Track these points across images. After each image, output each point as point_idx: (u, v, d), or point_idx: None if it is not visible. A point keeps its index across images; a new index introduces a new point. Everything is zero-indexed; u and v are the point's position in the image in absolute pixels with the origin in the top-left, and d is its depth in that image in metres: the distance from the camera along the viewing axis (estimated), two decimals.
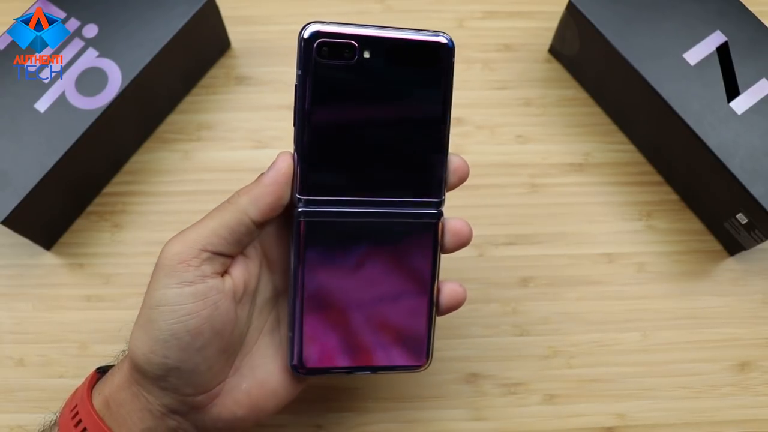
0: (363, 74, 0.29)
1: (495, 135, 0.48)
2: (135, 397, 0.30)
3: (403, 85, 0.29)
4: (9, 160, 0.40)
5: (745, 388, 0.43)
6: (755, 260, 0.46)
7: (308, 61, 0.28)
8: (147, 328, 0.29)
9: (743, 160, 0.41)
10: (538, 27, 0.51)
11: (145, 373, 0.29)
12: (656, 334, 0.44)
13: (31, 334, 0.44)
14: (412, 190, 0.31)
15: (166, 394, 0.30)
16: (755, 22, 0.43)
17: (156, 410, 0.30)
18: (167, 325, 0.29)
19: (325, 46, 0.28)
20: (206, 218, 0.30)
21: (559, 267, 0.46)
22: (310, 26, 0.28)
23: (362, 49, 0.28)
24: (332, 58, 0.28)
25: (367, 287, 0.31)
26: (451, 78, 0.30)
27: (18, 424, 0.42)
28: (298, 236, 0.30)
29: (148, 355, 0.29)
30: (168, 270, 0.29)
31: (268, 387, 0.32)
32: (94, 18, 0.43)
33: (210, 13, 0.46)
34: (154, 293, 0.29)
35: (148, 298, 0.29)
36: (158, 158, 0.48)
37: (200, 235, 0.29)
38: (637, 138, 0.48)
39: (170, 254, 0.29)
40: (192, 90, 0.49)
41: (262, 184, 0.30)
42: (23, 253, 0.45)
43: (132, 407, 0.30)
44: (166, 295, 0.29)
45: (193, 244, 0.29)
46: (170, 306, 0.29)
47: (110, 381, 0.31)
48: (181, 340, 0.29)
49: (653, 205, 0.47)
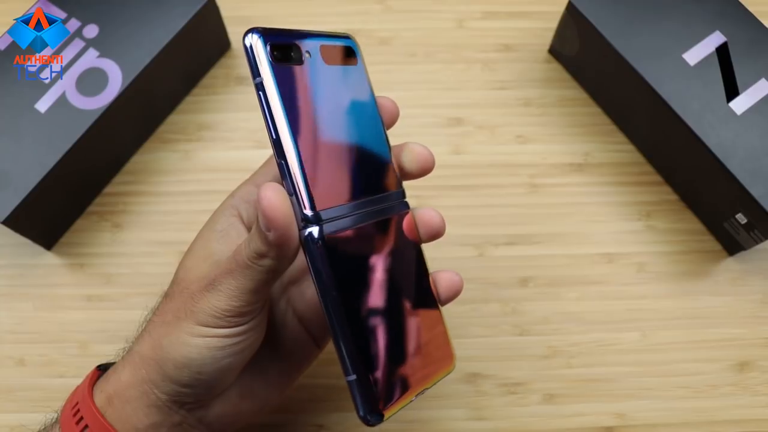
0: (311, 76, 0.27)
1: (495, 135, 0.48)
2: (144, 394, 0.30)
3: (342, 85, 0.29)
4: (9, 160, 0.40)
5: (744, 388, 0.43)
6: (754, 260, 0.46)
7: (267, 65, 0.26)
8: (188, 347, 0.29)
9: (743, 160, 0.41)
10: (538, 27, 0.51)
11: (170, 378, 0.29)
12: (656, 334, 0.44)
13: (31, 334, 0.44)
14: (379, 186, 0.30)
15: (181, 395, 0.30)
16: (755, 23, 0.43)
17: (164, 406, 0.30)
18: (210, 354, 0.29)
19: (276, 49, 0.26)
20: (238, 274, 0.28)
21: (559, 267, 0.46)
22: (253, 32, 0.26)
23: (305, 51, 0.28)
24: (284, 62, 0.26)
25: (392, 301, 0.29)
26: (367, 73, 0.30)
27: (19, 424, 0.42)
28: (322, 259, 0.26)
29: (181, 369, 0.29)
30: (216, 316, 0.28)
31: (270, 379, 0.33)
32: (95, 18, 0.43)
33: (210, 14, 0.46)
34: (196, 328, 0.28)
35: (189, 328, 0.28)
36: (158, 158, 0.48)
37: (241, 297, 0.28)
38: (637, 138, 0.48)
39: (217, 308, 0.28)
40: (192, 90, 0.49)
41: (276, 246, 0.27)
42: (24, 253, 0.45)
43: (139, 404, 0.30)
44: (218, 332, 0.29)
45: (239, 302, 0.28)
46: (217, 344, 0.29)
47: (115, 378, 0.31)
48: (218, 365, 0.29)
49: (653, 205, 0.47)
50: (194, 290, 0.29)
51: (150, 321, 0.31)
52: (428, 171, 0.32)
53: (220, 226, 0.31)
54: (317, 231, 0.26)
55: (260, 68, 0.26)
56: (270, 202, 0.25)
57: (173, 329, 0.29)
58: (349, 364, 0.26)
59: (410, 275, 0.30)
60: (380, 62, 0.50)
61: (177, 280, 0.31)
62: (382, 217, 0.29)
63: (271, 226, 0.26)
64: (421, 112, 0.49)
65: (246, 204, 0.32)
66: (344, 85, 0.29)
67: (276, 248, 0.26)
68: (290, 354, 0.34)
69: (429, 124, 0.49)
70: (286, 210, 0.26)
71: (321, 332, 0.34)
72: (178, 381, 0.29)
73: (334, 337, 0.26)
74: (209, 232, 0.31)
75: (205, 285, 0.29)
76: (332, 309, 0.26)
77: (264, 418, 0.42)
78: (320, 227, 0.26)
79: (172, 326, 0.29)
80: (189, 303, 0.29)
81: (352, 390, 0.27)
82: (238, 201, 0.32)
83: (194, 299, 0.29)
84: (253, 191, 0.32)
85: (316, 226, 0.26)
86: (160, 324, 0.30)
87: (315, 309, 0.33)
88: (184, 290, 0.30)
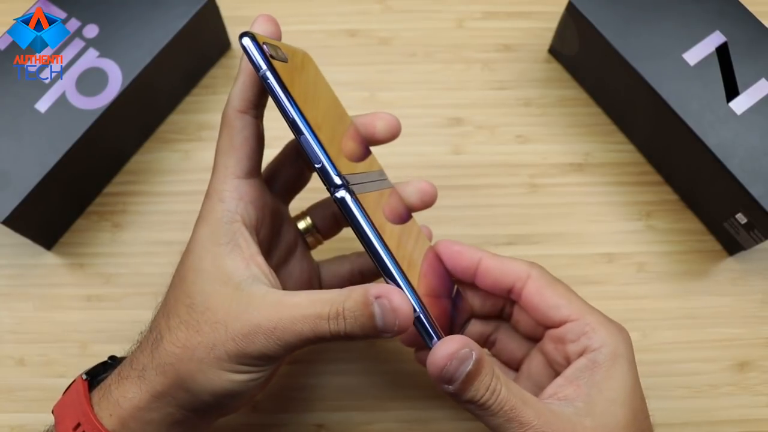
0: (296, 71, 0.30)
1: (495, 135, 0.48)
2: (169, 416, 0.30)
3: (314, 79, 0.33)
4: (9, 160, 0.40)
5: (744, 388, 0.43)
6: (755, 260, 0.46)
7: (265, 58, 0.28)
8: (231, 383, 0.29)
9: (742, 160, 0.41)
10: (538, 27, 0.51)
11: (202, 402, 0.29)
12: (656, 334, 0.44)
13: (31, 334, 0.44)
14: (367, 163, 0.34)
15: (211, 409, 0.30)
16: (755, 23, 0.43)
17: (189, 420, 0.30)
18: (246, 387, 0.29)
19: (267, 45, 0.29)
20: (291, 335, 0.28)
21: (559, 267, 0.46)
22: (247, 34, 0.29)
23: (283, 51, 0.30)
24: (275, 59, 0.29)
25: (410, 248, 0.32)
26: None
27: (18, 424, 0.42)
28: (361, 211, 0.28)
29: (219, 397, 0.29)
30: (268, 361, 0.29)
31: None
32: (95, 18, 0.43)
33: (210, 13, 0.46)
34: (235, 366, 0.28)
35: (226, 365, 0.28)
36: (158, 158, 0.48)
37: (288, 350, 0.28)
38: (637, 138, 0.48)
39: (256, 354, 0.28)
40: (192, 90, 0.49)
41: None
42: (24, 253, 0.45)
43: (162, 423, 0.30)
44: (251, 371, 0.29)
45: (282, 351, 0.28)
46: (255, 378, 0.29)
47: (126, 402, 0.30)
48: (254, 391, 0.30)
49: (653, 205, 0.47)
50: (234, 333, 0.28)
51: (164, 349, 0.29)
52: (430, 203, 0.36)
53: (225, 238, 0.29)
54: (350, 193, 0.28)
55: (260, 62, 0.28)
56: (403, 311, 0.27)
57: (212, 368, 0.28)
58: (415, 302, 0.28)
59: (413, 232, 0.34)
60: (380, 62, 0.50)
61: (194, 305, 0.29)
62: (384, 187, 0.33)
63: (404, 328, 0.27)
64: (421, 112, 0.49)
65: (243, 203, 0.30)
66: (316, 80, 0.33)
67: (389, 335, 0.27)
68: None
69: (429, 124, 0.49)
70: (410, 309, 0.27)
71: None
72: (215, 404, 0.29)
73: (390, 277, 0.28)
74: (214, 246, 0.29)
75: (253, 332, 0.28)
76: (383, 253, 0.28)
77: (264, 418, 0.42)
78: (350, 189, 0.28)
79: (208, 365, 0.28)
80: (230, 346, 0.28)
81: (418, 324, 0.28)
82: (232, 204, 0.30)
83: (237, 344, 0.28)
84: (240, 186, 0.30)
85: (346, 190, 0.28)
86: (189, 359, 0.28)
87: (302, 286, 0.36)
88: (216, 325, 0.28)
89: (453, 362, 0.27)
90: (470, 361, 0.27)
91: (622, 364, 0.31)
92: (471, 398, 0.28)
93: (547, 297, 0.33)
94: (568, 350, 0.32)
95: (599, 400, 0.30)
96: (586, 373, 0.30)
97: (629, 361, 0.31)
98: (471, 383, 0.28)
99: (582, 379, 0.30)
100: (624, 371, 0.31)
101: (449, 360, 0.27)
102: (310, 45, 0.50)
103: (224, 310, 0.28)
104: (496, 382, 0.28)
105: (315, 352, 0.44)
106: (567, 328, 0.32)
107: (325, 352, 0.44)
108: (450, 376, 0.27)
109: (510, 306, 0.36)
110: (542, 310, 0.33)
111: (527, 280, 0.33)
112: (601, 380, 0.30)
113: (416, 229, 0.35)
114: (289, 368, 0.43)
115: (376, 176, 0.33)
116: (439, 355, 0.27)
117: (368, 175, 0.32)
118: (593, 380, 0.30)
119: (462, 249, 0.34)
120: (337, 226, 0.38)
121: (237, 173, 0.30)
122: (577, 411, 0.29)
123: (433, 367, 0.27)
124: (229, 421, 0.42)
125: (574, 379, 0.31)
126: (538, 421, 0.28)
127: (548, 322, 0.33)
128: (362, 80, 0.49)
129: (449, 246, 0.34)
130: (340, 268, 0.39)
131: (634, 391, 0.31)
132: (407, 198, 0.35)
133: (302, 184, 0.38)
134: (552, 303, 0.33)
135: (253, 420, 0.43)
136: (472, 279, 0.34)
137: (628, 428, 0.30)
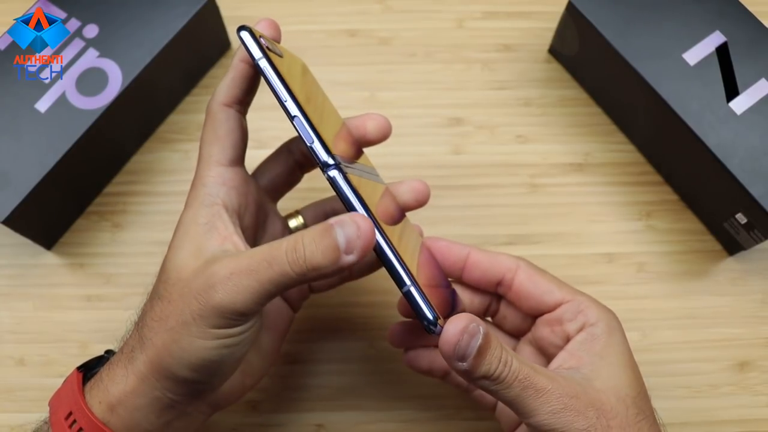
0: (289, 65, 0.31)
1: (495, 135, 0.48)
2: (156, 399, 0.30)
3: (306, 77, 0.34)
4: (9, 160, 0.40)
5: (744, 388, 0.43)
6: (754, 260, 0.46)
7: (261, 48, 0.29)
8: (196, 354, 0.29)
9: (742, 160, 0.41)
10: (538, 27, 0.51)
11: (184, 380, 0.29)
12: (656, 334, 0.44)
13: (31, 334, 0.44)
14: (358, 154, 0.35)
15: (197, 391, 0.30)
16: (755, 23, 0.43)
17: (178, 404, 0.30)
18: (229, 352, 0.29)
19: (263, 39, 0.30)
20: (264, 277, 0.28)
21: (559, 267, 0.46)
22: (244, 27, 0.29)
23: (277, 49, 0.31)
24: (271, 51, 0.30)
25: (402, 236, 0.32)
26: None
27: (18, 424, 0.42)
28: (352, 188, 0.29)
29: (198, 370, 0.29)
30: (229, 318, 0.28)
31: (263, 351, 0.34)
32: (95, 18, 0.43)
33: (210, 13, 0.46)
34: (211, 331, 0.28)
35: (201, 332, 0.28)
36: (158, 158, 0.48)
37: (263, 298, 0.28)
38: (637, 138, 0.48)
39: (231, 309, 0.28)
40: (192, 90, 0.49)
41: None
42: (24, 252, 0.45)
43: (150, 409, 0.30)
44: (230, 332, 0.29)
45: (256, 304, 0.28)
46: (234, 339, 0.29)
47: (116, 388, 0.30)
48: (238, 357, 0.30)
49: (653, 205, 0.47)
50: (197, 290, 0.28)
51: (146, 325, 0.30)
52: (424, 202, 0.36)
53: (204, 218, 0.30)
54: (341, 172, 0.28)
55: (251, 51, 0.29)
56: (364, 224, 0.27)
57: (182, 335, 0.28)
58: (405, 275, 0.28)
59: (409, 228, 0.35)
60: (380, 62, 0.50)
61: (169, 279, 0.30)
62: (377, 181, 0.33)
63: (367, 250, 0.27)
64: (421, 112, 0.49)
65: (226, 188, 0.31)
66: (312, 83, 0.34)
67: (348, 266, 0.27)
68: (274, 323, 0.35)
69: (429, 124, 0.49)
70: (371, 224, 0.28)
71: (297, 297, 0.37)
72: (194, 380, 0.29)
73: (382, 255, 0.28)
74: (193, 225, 0.30)
75: (211, 284, 0.28)
76: (376, 230, 0.28)
77: (264, 418, 0.43)
78: (342, 169, 0.28)
79: (178, 332, 0.28)
80: (194, 305, 0.28)
81: (410, 299, 0.28)
82: (214, 188, 0.31)
83: (199, 301, 0.28)
84: (224, 172, 0.31)
85: (337, 169, 0.28)
86: (164, 330, 0.29)
87: None
88: (184, 291, 0.29)
89: (464, 337, 0.27)
90: (479, 335, 0.28)
91: (618, 335, 0.33)
92: (485, 372, 0.28)
93: (539, 283, 0.34)
94: (568, 329, 0.33)
95: (603, 365, 0.32)
96: (586, 345, 0.32)
97: (623, 334, 0.33)
98: (483, 357, 0.28)
99: (583, 351, 0.32)
100: (621, 341, 0.33)
101: (461, 335, 0.27)
102: (310, 45, 0.50)
103: (193, 278, 0.29)
104: (506, 354, 0.29)
105: (315, 352, 0.44)
106: (563, 309, 0.34)
107: (326, 352, 0.44)
108: (463, 352, 0.28)
109: (496, 303, 0.37)
110: (536, 296, 0.34)
111: (517, 270, 0.35)
112: (602, 349, 0.32)
113: (411, 227, 0.35)
114: (289, 368, 0.43)
115: (369, 170, 0.34)
116: (450, 332, 0.28)
117: (362, 166, 0.33)
118: (594, 350, 0.32)
119: (450, 243, 0.35)
120: None
121: (221, 161, 0.31)
122: (584, 376, 0.31)
123: (447, 345, 0.28)
124: (229, 422, 0.42)
125: (576, 352, 0.32)
126: (552, 385, 0.29)
127: (543, 306, 0.34)
128: (362, 80, 0.49)
129: (436, 241, 0.36)
130: None
131: (631, 358, 0.33)
132: (401, 197, 0.36)
133: (291, 183, 0.38)
134: (545, 288, 0.34)
135: (253, 420, 0.43)
136: (461, 273, 0.35)
137: (632, 387, 0.31)
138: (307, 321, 0.44)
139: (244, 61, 0.31)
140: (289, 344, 0.43)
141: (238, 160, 0.32)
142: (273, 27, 0.32)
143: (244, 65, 0.31)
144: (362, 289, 0.44)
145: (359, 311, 0.45)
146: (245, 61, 0.31)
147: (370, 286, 0.44)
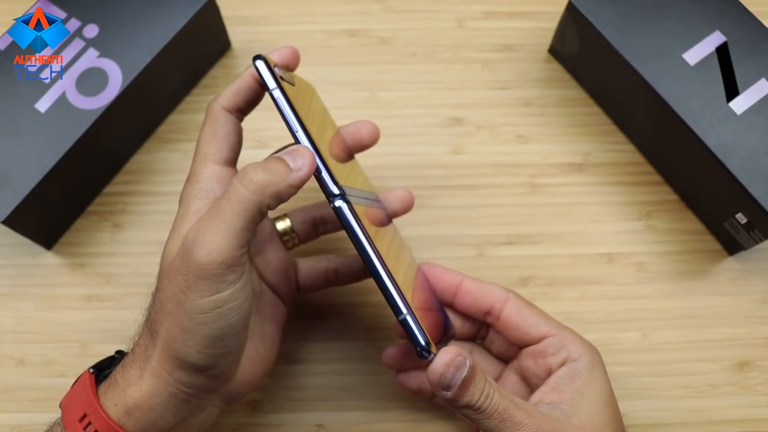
0: (296, 94, 0.32)
1: (495, 135, 0.48)
2: (172, 396, 0.30)
3: (316, 105, 0.36)
4: (9, 160, 0.41)
5: (744, 388, 0.44)
6: (755, 260, 0.46)
7: (275, 78, 0.31)
8: (198, 331, 0.29)
9: (742, 160, 0.41)
10: (538, 27, 0.51)
11: (195, 367, 0.30)
12: (656, 334, 0.44)
13: (31, 334, 0.44)
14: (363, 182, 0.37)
15: (211, 380, 0.30)
16: (755, 22, 0.44)
17: (194, 399, 0.30)
18: (227, 322, 0.29)
19: (277, 68, 0.32)
20: (227, 213, 0.29)
21: (558, 267, 0.46)
22: (260, 57, 0.31)
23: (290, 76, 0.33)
24: (284, 80, 0.32)
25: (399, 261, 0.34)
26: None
27: (18, 424, 0.42)
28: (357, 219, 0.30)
29: (204, 351, 0.29)
30: (214, 274, 0.29)
31: (266, 340, 0.35)
32: (95, 18, 0.43)
33: (210, 13, 0.46)
34: (203, 300, 0.28)
35: (194, 305, 0.29)
36: (158, 158, 0.48)
37: (236, 237, 0.29)
38: (637, 138, 0.48)
39: (211, 261, 0.28)
40: (192, 90, 0.49)
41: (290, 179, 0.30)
42: (24, 252, 0.45)
43: (167, 407, 0.30)
44: (222, 297, 0.29)
45: (232, 247, 0.28)
46: (228, 305, 0.29)
47: (132, 390, 0.30)
48: (237, 327, 0.30)
49: (653, 205, 0.47)
50: (179, 265, 0.29)
51: (151, 320, 0.31)
52: (410, 208, 0.40)
53: (194, 207, 0.31)
54: (346, 201, 0.30)
55: (269, 83, 0.31)
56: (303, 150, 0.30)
57: (180, 316, 0.29)
58: (402, 304, 0.30)
59: (406, 255, 0.37)
60: (380, 62, 0.50)
61: (162, 271, 0.31)
62: (377, 207, 0.35)
63: (310, 163, 0.29)
64: (421, 112, 0.49)
65: (220, 185, 0.32)
66: (315, 102, 0.36)
67: (300, 181, 0.29)
68: (271, 316, 0.36)
69: (429, 124, 0.49)
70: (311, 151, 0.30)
71: (286, 293, 0.38)
72: (204, 366, 0.30)
73: (380, 283, 0.30)
74: (185, 218, 0.31)
75: (187, 249, 0.28)
76: (376, 259, 0.30)
77: (264, 418, 0.43)
78: (347, 199, 0.30)
79: (176, 314, 0.29)
80: (180, 280, 0.29)
81: (405, 326, 0.30)
82: (209, 184, 0.32)
83: (183, 273, 0.28)
84: (219, 171, 0.32)
85: (342, 199, 0.30)
86: (164, 318, 0.29)
87: (279, 274, 0.37)
88: (171, 274, 0.29)
89: (450, 369, 0.30)
90: (465, 368, 0.30)
91: (599, 371, 0.35)
92: (467, 402, 0.30)
93: (526, 316, 0.36)
94: (550, 362, 0.35)
95: (583, 402, 0.33)
96: (567, 381, 0.34)
97: (604, 370, 0.35)
98: (467, 388, 0.30)
99: (564, 386, 0.34)
100: (602, 378, 0.34)
101: (447, 367, 0.30)
102: (310, 45, 0.50)
103: (175, 258, 0.30)
104: (489, 387, 0.31)
105: (315, 351, 0.44)
106: (547, 342, 0.36)
107: (326, 352, 0.44)
108: (448, 382, 0.30)
109: (485, 328, 0.39)
110: (523, 328, 0.36)
111: (506, 302, 0.37)
112: (583, 385, 0.34)
113: (408, 254, 0.38)
114: (289, 368, 0.43)
115: (368, 195, 0.36)
116: (438, 363, 0.30)
117: (364, 193, 0.35)
118: (575, 386, 0.34)
119: (444, 270, 0.38)
120: (314, 233, 0.40)
121: (216, 160, 0.32)
122: (563, 412, 0.32)
123: (433, 374, 0.30)
124: (230, 422, 0.42)
125: (557, 386, 0.34)
126: (530, 420, 0.31)
127: (527, 339, 0.36)
128: (362, 80, 0.49)
129: (431, 267, 0.38)
130: (317, 264, 0.40)
131: (611, 395, 0.35)
132: (390, 206, 0.39)
133: None
134: (531, 321, 0.36)
135: (253, 420, 0.43)
136: (452, 299, 0.37)
137: (611, 425, 0.33)
138: (308, 321, 0.44)
139: (253, 76, 0.33)
140: (289, 344, 0.43)
141: (232, 162, 0.34)
142: (293, 55, 0.34)
143: (252, 80, 0.33)
144: (362, 289, 0.44)
145: (359, 311, 0.45)
146: (254, 76, 0.33)
147: (370, 286, 0.44)
